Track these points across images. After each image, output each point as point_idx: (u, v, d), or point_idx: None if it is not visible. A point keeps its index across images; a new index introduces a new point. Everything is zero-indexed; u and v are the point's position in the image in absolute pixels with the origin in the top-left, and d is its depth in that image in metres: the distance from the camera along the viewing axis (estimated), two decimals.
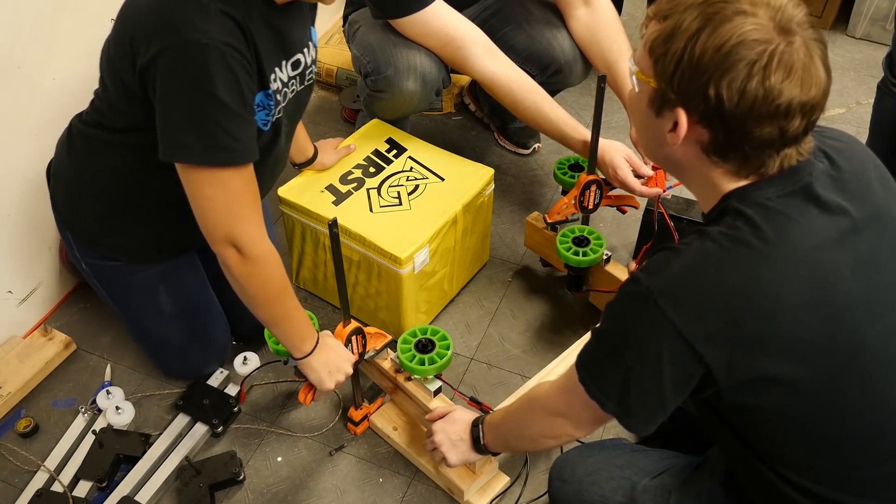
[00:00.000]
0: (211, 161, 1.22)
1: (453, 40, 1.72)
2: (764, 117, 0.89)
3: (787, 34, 0.88)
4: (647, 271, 0.95)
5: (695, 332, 0.91)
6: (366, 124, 1.95)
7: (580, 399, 1.05)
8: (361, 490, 1.56)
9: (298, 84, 1.43)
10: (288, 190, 1.77)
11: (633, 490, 1.21)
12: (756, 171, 0.95)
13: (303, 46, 1.41)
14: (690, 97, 0.91)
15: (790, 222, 0.93)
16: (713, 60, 0.88)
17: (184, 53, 1.16)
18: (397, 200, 1.74)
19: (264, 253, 1.31)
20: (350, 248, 1.68)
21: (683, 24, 0.90)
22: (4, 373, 1.71)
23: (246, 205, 1.28)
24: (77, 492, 1.53)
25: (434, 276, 1.76)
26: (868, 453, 1.00)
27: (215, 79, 1.17)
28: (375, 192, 1.76)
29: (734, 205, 0.95)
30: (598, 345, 1.04)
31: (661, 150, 1.01)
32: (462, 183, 1.78)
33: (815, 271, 0.92)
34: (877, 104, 1.88)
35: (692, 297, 0.92)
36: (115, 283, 1.60)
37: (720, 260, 0.92)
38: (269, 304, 1.36)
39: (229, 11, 1.18)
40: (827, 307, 0.93)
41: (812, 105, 0.90)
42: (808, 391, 0.95)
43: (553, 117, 1.74)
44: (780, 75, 0.87)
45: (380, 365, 1.57)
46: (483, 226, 1.88)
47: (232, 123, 1.21)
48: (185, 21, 1.15)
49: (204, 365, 1.71)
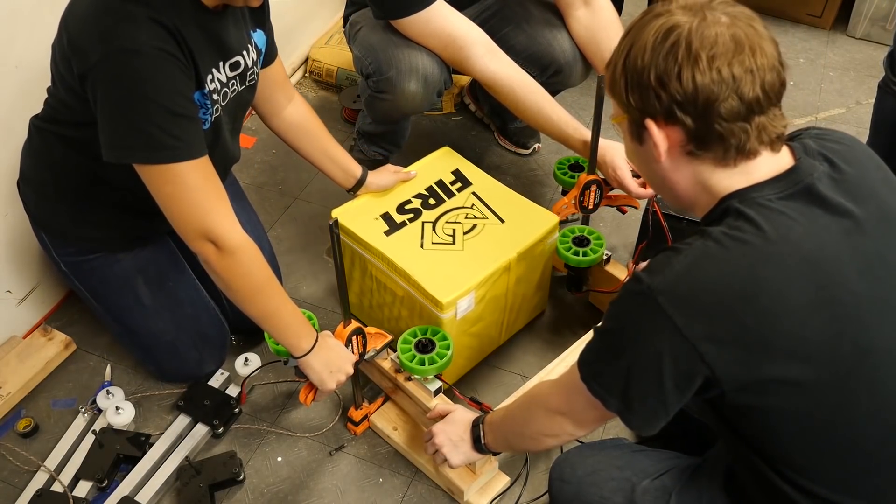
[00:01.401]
0: (153, 159, 1.26)
1: (455, 40, 1.72)
2: (712, 89, 0.91)
3: (698, 13, 0.93)
4: (649, 270, 0.95)
5: (696, 331, 0.91)
6: (435, 152, 1.85)
7: (582, 397, 1.05)
8: (361, 490, 1.56)
9: (239, 84, 1.47)
10: (342, 212, 1.69)
11: (633, 491, 1.21)
12: (741, 153, 0.96)
13: (242, 49, 1.44)
14: (647, 105, 0.96)
15: (792, 222, 0.93)
16: (644, 62, 0.94)
17: (117, 61, 1.21)
18: (451, 239, 1.64)
19: (240, 243, 1.32)
20: (395, 281, 1.61)
21: (618, 52, 0.99)
22: (4, 373, 1.71)
23: (210, 198, 1.30)
24: (77, 492, 1.53)
25: (480, 323, 1.64)
26: (876, 456, 0.99)
27: (149, 83, 1.22)
28: (430, 226, 1.67)
29: (735, 205, 0.95)
30: (600, 343, 1.05)
31: (658, 176, 1.03)
32: (522, 227, 1.66)
33: (820, 271, 0.92)
34: (878, 104, 1.88)
35: (693, 296, 0.92)
36: (94, 278, 1.61)
37: (721, 259, 0.92)
38: (256, 296, 1.37)
39: (158, 18, 1.23)
40: (832, 307, 0.92)
41: (757, 66, 0.92)
42: (814, 392, 0.94)
43: (555, 118, 1.73)
44: (706, 48, 0.91)
45: (380, 365, 1.57)
46: (541, 275, 1.75)
47: (170, 123, 1.24)
48: (116, 30, 1.21)
49: (199, 364, 1.70)
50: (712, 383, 0.94)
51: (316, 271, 1.99)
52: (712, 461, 1.21)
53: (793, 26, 2.84)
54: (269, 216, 2.14)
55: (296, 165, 2.28)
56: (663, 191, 1.06)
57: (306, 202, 2.18)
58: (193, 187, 1.28)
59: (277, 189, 2.22)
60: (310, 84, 2.59)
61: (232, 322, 1.73)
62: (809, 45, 2.76)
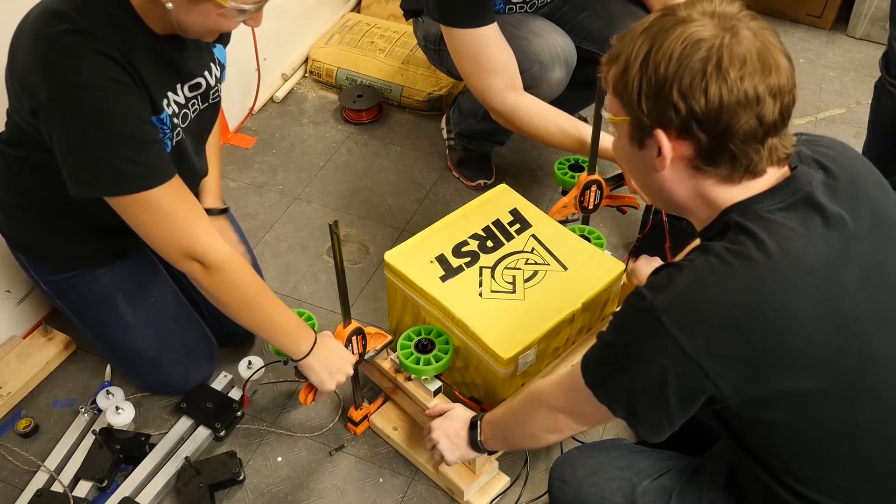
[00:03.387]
0: (124, 191, 1.24)
1: (482, 70, 1.69)
2: (736, 109, 0.89)
3: (729, 29, 0.90)
4: (651, 287, 0.95)
5: (700, 348, 0.91)
6: (492, 189, 1.73)
7: (587, 400, 1.05)
8: (361, 490, 1.56)
9: (201, 103, 1.45)
10: (395, 255, 1.58)
11: (634, 492, 1.21)
12: (747, 171, 0.94)
13: (203, 70, 1.42)
14: (662, 115, 0.92)
15: (793, 234, 0.92)
16: (668, 71, 0.90)
17: (69, 96, 1.19)
18: (511, 287, 1.53)
19: (225, 258, 1.31)
20: (452, 332, 1.51)
21: (633, 52, 0.93)
22: (4, 373, 1.71)
23: (187, 217, 1.29)
24: (77, 492, 1.53)
25: (534, 369, 1.55)
26: (877, 465, 0.99)
27: (105, 114, 1.20)
28: (489, 272, 1.55)
29: (735, 219, 0.94)
30: (604, 354, 1.04)
31: (654, 183, 1.00)
32: (587, 275, 1.55)
33: (822, 284, 0.92)
34: (874, 103, 1.88)
35: (696, 313, 0.91)
36: (74, 297, 1.58)
37: (723, 275, 0.91)
38: (247, 308, 1.36)
39: (103, 49, 1.20)
40: (835, 319, 0.92)
41: (779, 88, 0.90)
42: (818, 404, 0.94)
43: (576, 133, 1.69)
44: (735, 67, 0.88)
45: (380, 365, 1.57)
46: (603, 320, 1.64)
47: (135, 152, 1.23)
48: (63, 65, 1.19)
49: (185, 379, 1.65)
50: (717, 399, 0.94)
51: (316, 271, 1.99)
52: (713, 461, 1.21)
53: (793, 26, 2.84)
54: (269, 216, 2.14)
55: (296, 165, 2.29)
56: (657, 197, 1.04)
57: (306, 202, 2.18)
58: (169, 210, 1.27)
59: (277, 189, 2.22)
60: (310, 84, 2.59)
61: (217, 333, 1.71)
62: (809, 45, 2.76)
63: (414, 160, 2.31)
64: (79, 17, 1.20)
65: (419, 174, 2.27)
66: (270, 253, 2.04)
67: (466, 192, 2.20)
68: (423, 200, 2.18)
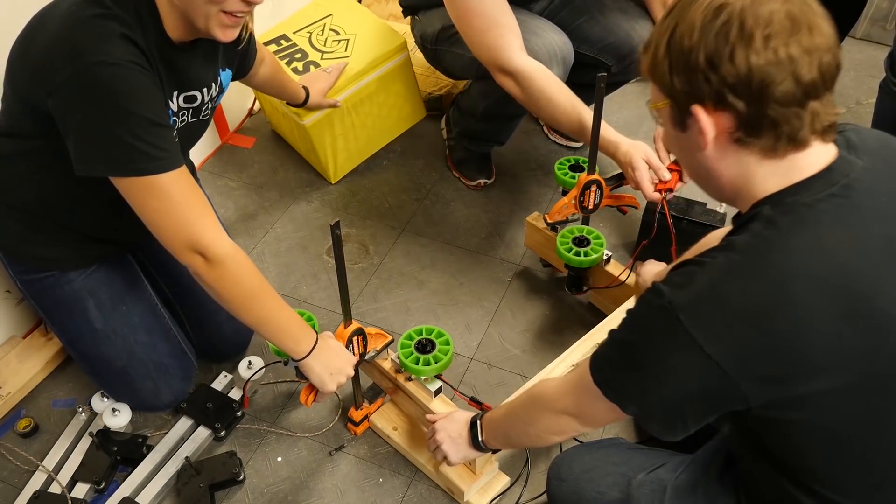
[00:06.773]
0: (137, 172, 1.23)
1: (498, 26, 1.67)
2: (767, 70, 0.86)
3: None
4: (671, 284, 0.91)
5: (721, 349, 0.88)
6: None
7: (596, 399, 1.02)
8: (361, 490, 1.56)
9: (190, 117, 1.45)
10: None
11: (629, 485, 1.21)
12: (793, 142, 0.90)
13: (203, 86, 1.43)
14: (694, 89, 0.90)
15: (826, 230, 0.88)
16: (692, 42, 0.88)
17: (93, 75, 1.19)
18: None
19: (228, 252, 1.30)
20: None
21: (661, 33, 0.92)
22: (4, 373, 1.71)
23: (195, 207, 1.28)
24: (75, 492, 1.53)
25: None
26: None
27: (128, 95, 1.20)
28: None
29: (766, 212, 0.91)
30: (617, 352, 1.01)
31: (702, 166, 0.97)
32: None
33: (856, 281, 0.88)
34: (878, 104, 1.88)
35: (717, 312, 0.88)
36: (47, 298, 1.56)
37: (746, 273, 0.88)
38: (249, 304, 1.36)
39: (130, 36, 1.22)
40: (869, 319, 0.88)
41: (815, 46, 0.86)
42: (844, 406, 0.91)
43: (578, 115, 1.68)
44: (760, 28, 0.86)
45: (380, 365, 1.57)
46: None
47: (153, 134, 1.23)
48: (89, 46, 1.20)
49: (156, 395, 1.61)
50: (738, 400, 0.91)
51: (316, 271, 1.99)
52: (709, 452, 1.20)
53: None
54: (269, 216, 2.14)
55: (296, 165, 2.29)
56: (706, 182, 1.00)
57: (306, 202, 2.18)
58: (178, 199, 1.26)
59: (277, 189, 2.22)
60: None
61: (207, 350, 1.71)
62: None
63: (414, 160, 2.31)
64: (113, 4, 1.23)
65: (419, 174, 2.27)
66: (270, 253, 2.04)
67: (466, 192, 2.20)
68: (423, 200, 2.18)
